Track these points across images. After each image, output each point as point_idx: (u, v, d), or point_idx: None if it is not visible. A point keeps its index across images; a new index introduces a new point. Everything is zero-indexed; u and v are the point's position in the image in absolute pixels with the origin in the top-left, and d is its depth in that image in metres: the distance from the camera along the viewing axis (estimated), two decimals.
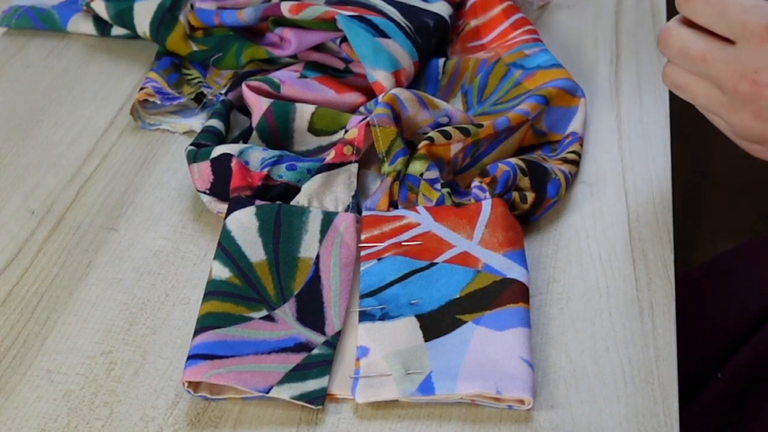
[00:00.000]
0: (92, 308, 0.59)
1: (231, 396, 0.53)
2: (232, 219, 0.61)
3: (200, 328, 0.55)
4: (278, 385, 0.53)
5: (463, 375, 0.53)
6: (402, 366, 0.53)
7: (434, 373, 0.53)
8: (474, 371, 0.53)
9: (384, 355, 0.54)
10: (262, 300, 0.57)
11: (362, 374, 0.53)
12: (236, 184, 0.63)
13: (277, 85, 0.72)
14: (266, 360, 0.54)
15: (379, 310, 0.56)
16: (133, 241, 0.64)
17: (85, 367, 0.56)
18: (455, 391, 0.52)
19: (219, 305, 0.57)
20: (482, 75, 0.75)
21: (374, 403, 0.53)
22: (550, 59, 0.74)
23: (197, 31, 0.80)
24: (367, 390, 0.53)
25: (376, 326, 0.56)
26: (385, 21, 0.74)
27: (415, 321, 0.56)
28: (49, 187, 0.69)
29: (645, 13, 0.86)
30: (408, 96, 0.67)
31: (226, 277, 0.58)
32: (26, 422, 0.53)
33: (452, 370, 0.53)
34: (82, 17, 0.83)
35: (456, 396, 0.52)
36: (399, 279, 0.58)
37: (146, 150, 0.72)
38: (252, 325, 0.56)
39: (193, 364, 0.53)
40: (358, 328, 0.56)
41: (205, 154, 0.65)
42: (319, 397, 0.53)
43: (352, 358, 0.55)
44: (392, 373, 0.53)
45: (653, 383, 0.54)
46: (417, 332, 0.55)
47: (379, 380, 0.53)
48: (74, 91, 0.78)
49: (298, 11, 0.74)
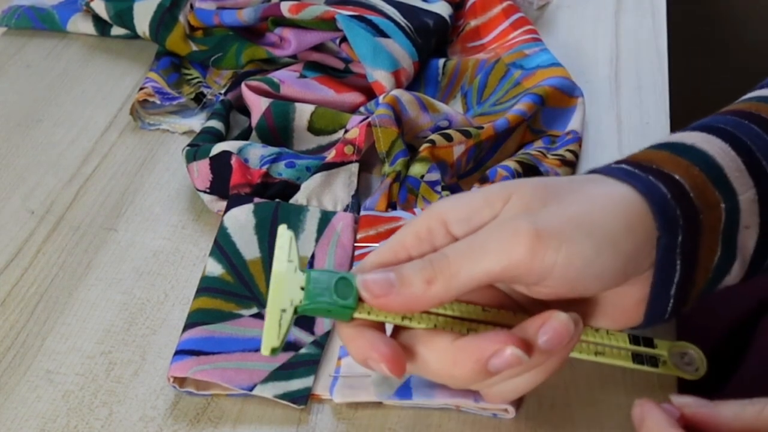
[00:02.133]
0: (92, 308, 0.59)
1: (216, 392, 0.53)
2: (230, 216, 0.61)
3: (189, 324, 0.56)
4: (262, 383, 0.53)
5: (442, 385, 0.51)
6: None
7: (413, 379, 0.52)
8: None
9: None
10: (253, 297, 0.57)
11: (342, 374, 0.53)
12: (236, 181, 0.63)
13: (276, 85, 0.72)
14: (253, 358, 0.54)
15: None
16: (133, 242, 0.64)
17: (84, 367, 0.56)
18: (433, 399, 0.52)
19: (209, 302, 0.57)
20: (482, 75, 0.75)
21: (373, 404, 0.53)
22: (550, 59, 0.74)
23: (197, 31, 0.80)
24: (345, 390, 0.53)
25: None
26: (384, 21, 0.74)
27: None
28: (48, 187, 0.69)
29: (645, 13, 0.86)
30: (409, 98, 0.67)
31: (219, 274, 0.58)
32: (26, 422, 0.53)
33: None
34: (81, 17, 0.83)
35: (438, 402, 0.52)
36: None
37: (146, 150, 0.72)
38: (241, 322, 0.56)
39: (179, 359, 0.53)
40: None
41: (204, 152, 0.65)
42: (303, 397, 0.53)
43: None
44: (372, 374, 0.53)
45: (653, 383, 0.54)
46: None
47: (358, 381, 0.53)
48: (74, 91, 0.78)
49: (298, 11, 0.74)
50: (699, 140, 0.51)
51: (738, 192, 0.49)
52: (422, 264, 0.45)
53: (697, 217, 0.47)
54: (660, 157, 0.50)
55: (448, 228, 0.47)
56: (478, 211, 0.46)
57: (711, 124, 0.52)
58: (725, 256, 0.48)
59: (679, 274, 0.47)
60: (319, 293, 0.45)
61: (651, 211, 0.46)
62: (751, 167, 0.49)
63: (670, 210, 0.46)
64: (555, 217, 0.45)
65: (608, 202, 0.46)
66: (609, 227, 0.45)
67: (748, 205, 0.49)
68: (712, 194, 0.48)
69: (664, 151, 0.50)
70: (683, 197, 0.47)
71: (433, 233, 0.47)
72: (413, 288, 0.44)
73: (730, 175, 0.49)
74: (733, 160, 0.49)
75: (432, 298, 0.44)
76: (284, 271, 0.45)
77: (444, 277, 0.44)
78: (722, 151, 0.50)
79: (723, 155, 0.49)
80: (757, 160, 0.50)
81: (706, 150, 0.50)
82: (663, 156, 0.50)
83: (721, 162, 0.49)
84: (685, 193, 0.47)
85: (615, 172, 0.49)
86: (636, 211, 0.46)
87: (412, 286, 0.44)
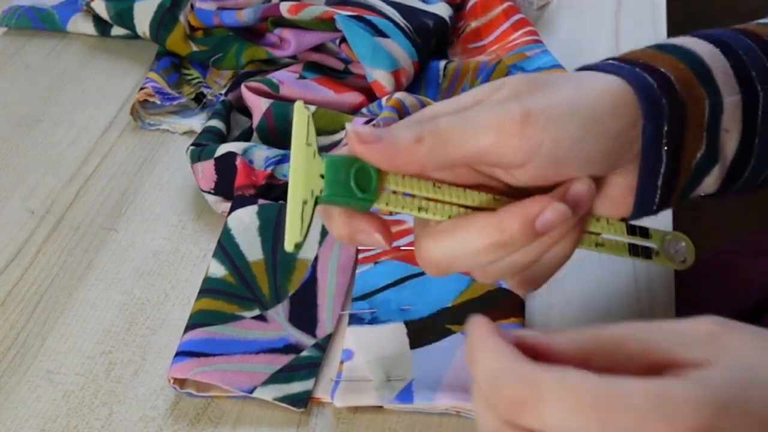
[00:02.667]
0: (92, 308, 0.59)
1: (216, 394, 0.53)
2: (234, 217, 0.61)
3: (191, 325, 0.56)
4: (262, 385, 0.53)
5: (444, 387, 0.52)
6: (384, 372, 0.53)
7: (415, 382, 0.53)
8: (455, 384, 0.52)
9: (367, 360, 0.54)
10: (255, 299, 0.57)
11: (344, 378, 0.53)
12: (240, 182, 0.63)
13: (276, 85, 0.72)
14: (253, 360, 0.54)
15: (369, 314, 0.56)
16: (133, 242, 0.64)
17: (84, 367, 0.56)
18: (434, 402, 0.52)
19: (211, 303, 0.57)
20: (483, 77, 0.75)
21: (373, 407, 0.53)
22: (551, 61, 0.74)
23: (197, 31, 0.80)
24: (346, 394, 0.53)
25: (364, 330, 0.55)
26: (384, 21, 0.74)
27: (403, 327, 0.56)
28: (48, 187, 0.69)
29: (645, 13, 0.86)
30: (412, 101, 0.67)
31: (221, 275, 0.58)
32: (26, 422, 0.53)
33: (434, 380, 0.53)
34: (81, 17, 0.83)
35: (439, 406, 0.52)
36: (392, 284, 0.58)
37: (146, 150, 0.72)
38: (243, 324, 0.56)
39: (179, 361, 0.53)
40: (346, 330, 0.56)
41: (209, 152, 0.65)
42: (303, 400, 0.53)
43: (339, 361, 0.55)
44: (373, 378, 0.53)
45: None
46: (404, 339, 0.55)
47: (359, 385, 0.53)
48: (74, 91, 0.78)
49: (297, 11, 0.74)
50: (689, 42, 0.52)
51: (723, 94, 0.50)
52: (412, 122, 0.45)
53: (682, 108, 0.48)
54: (647, 53, 0.51)
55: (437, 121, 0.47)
56: (467, 104, 0.47)
57: (705, 32, 0.53)
58: (707, 154, 0.50)
59: (665, 165, 0.48)
60: (340, 184, 0.42)
61: (637, 98, 0.47)
62: (739, 73, 0.51)
63: (656, 97, 0.48)
64: (543, 99, 0.46)
65: (595, 88, 0.47)
66: (595, 109, 0.46)
67: (731, 108, 0.50)
68: (697, 88, 0.49)
69: (652, 49, 0.52)
70: (669, 88, 0.48)
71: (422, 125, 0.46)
72: (400, 141, 0.44)
73: (716, 76, 0.50)
74: (722, 64, 0.51)
75: (415, 157, 0.44)
76: (304, 157, 0.42)
77: (432, 139, 0.44)
78: (711, 53, 0.51)
79: (711, 57, 0.51)
80: (747, 68, 0.51)
81: (695, 50, 0.51)
82: (650, 53, 0.51)
83: (709, 62, 0.50)
84: (671, 85, 0.49)
85: (602, 66, 0.50)
86: (622, 97, 0.47)
87: (400, 139, 0.44)
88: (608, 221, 0.49)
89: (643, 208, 0.50)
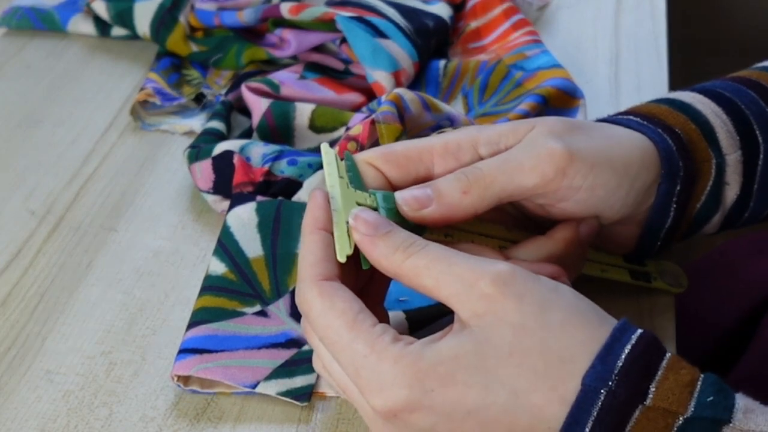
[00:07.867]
0: (92, 308, 0.59)
1: (221, 390, 0.53)
2: (233, 215, 0.61)
3: (192, 322, 0.56)
4: (265, 380, 0.53)
5: None
6: None
7: None
8: None
9: None
10: (256, 295, 0.57)
11: None
12: (238, 180, 0.63)
13: (276, 86, 0.72)
14: (256, 355, 0.54)
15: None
16: (133, 242, 0.64)
17: (84, 367, 0.56)
18: None
19: (212, 300, 0.57)
20: (483, 76, 0.75)
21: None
22: (551, 60, 0.74)
23: (197, 31, 0.80)
24: None
25: None
26: (384, 22, 0.74)
27: (402, 315, 0.56)
28: (48, 187, 0.69)
29: (645, 13, 0.87)
30: (412, 97, 0.67)
31: (222, 273, 0.58)
32: (26, 422, 0.53)
33: None
34: (82, 18, 0.84)
35: None
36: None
37: (146, 150, 0.72)
38: (244, 320, 0.56)
39: (182, 358, 0.53)
40: None
41: (206, 152, 0.65)
42: (305, 394, 0.53)
43: None
44: None
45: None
46: (403, 323, 0.56)
47: None
48: (74, 91, 0.78)
49: (298, 12, 0.74)
50: (695, 100, 0.55)
51: (725, 152, 0.53)
52: (457, 176, 0.48)
53: (693, 170, 0.52)
54: (661, 111, 0.54)
55: (476, 147, 0.50)
56: (505, 136, 0.50)
57: (710, 88, 0.57)
58: (709, 206, 0.54)
59: (671, 220, 0.53)
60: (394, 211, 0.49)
61: (659, 158, 0.51)
62: (741, 129, 0.54)
63: (674, 159, 0.51)
64: (584, 144, 0.49)
65: (627, 142, 0.51)
66: (629, 164, 0.50)
67: (733, 164, 0.54)
68: (705, 150, 0.53)
69: (664, 105, 0.55)
70: (685, 151, 0.52)
71: (461, 149, 0.50)
72: (449, 198, 0.48)
73: (719, 136, 0.54)
74: (725, 123, 0.54)
75: (467, 207, 0.48)
76: (343, 188, 0.48)
77: (479, 187, 0.48)
78: (714, 113, 0.54)
79: (715, 117, 0.54)
80: (750, 123, 0.54)
81: (701, 110, 0.54)
82: (663, 110, 0.54)
83: (714, 123, 0.54)
84: (686, 147, 0.52)
85: (626, 122, 0.54)
86: (649, 154, 0.51)
87: (449, 197, 0.48)
88: (606, 253, 0.55)
89: (643, 254, 0.55)
